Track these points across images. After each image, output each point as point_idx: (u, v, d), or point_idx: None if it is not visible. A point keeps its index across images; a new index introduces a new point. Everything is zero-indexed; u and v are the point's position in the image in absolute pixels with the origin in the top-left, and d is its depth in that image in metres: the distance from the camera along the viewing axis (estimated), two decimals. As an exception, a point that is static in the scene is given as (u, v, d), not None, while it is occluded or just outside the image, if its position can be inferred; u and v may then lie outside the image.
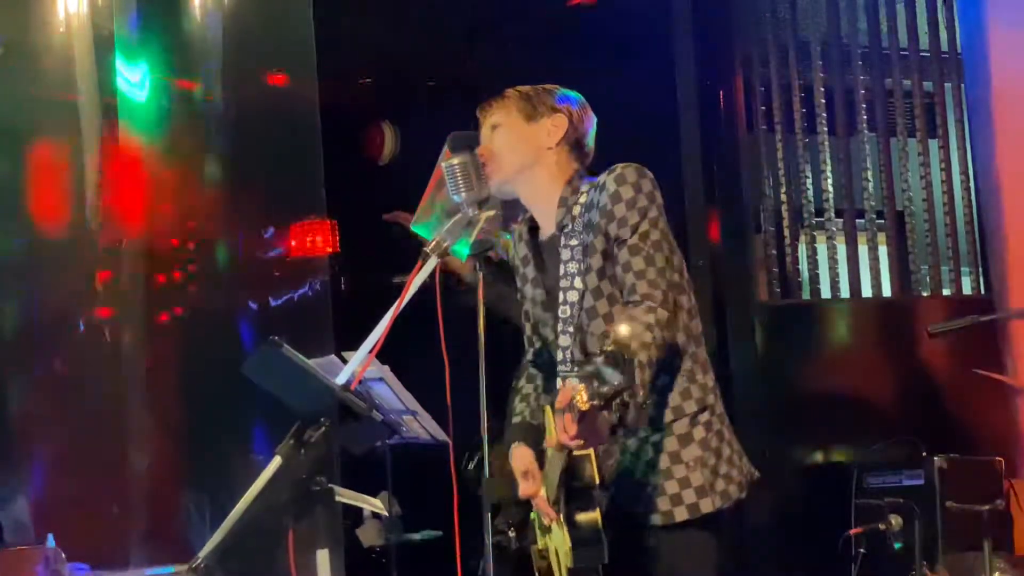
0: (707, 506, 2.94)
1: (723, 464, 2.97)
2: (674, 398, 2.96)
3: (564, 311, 3.01)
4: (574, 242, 3.00)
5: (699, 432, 2.96)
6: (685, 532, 2.94)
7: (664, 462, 2.94)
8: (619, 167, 3.00)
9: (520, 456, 3.09)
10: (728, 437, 3.02)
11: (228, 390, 4.44)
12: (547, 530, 3.02)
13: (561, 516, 2.86)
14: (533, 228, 3.18)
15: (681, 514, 2.93)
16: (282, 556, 3.28)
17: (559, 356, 3.06)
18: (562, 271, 3.02)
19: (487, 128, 3.15)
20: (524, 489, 3.05)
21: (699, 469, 2.94)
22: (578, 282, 2.99)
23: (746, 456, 3.08)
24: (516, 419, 3.19)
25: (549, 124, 3.08)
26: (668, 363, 2.94)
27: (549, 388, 3.19)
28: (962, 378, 5.57)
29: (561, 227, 3.04)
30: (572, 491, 2.83)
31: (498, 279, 3.88)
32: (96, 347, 4.93)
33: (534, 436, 3.09)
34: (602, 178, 3.01)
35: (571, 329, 3.00)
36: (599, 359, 2.49)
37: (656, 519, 2.94)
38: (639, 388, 2.70)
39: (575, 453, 2.78)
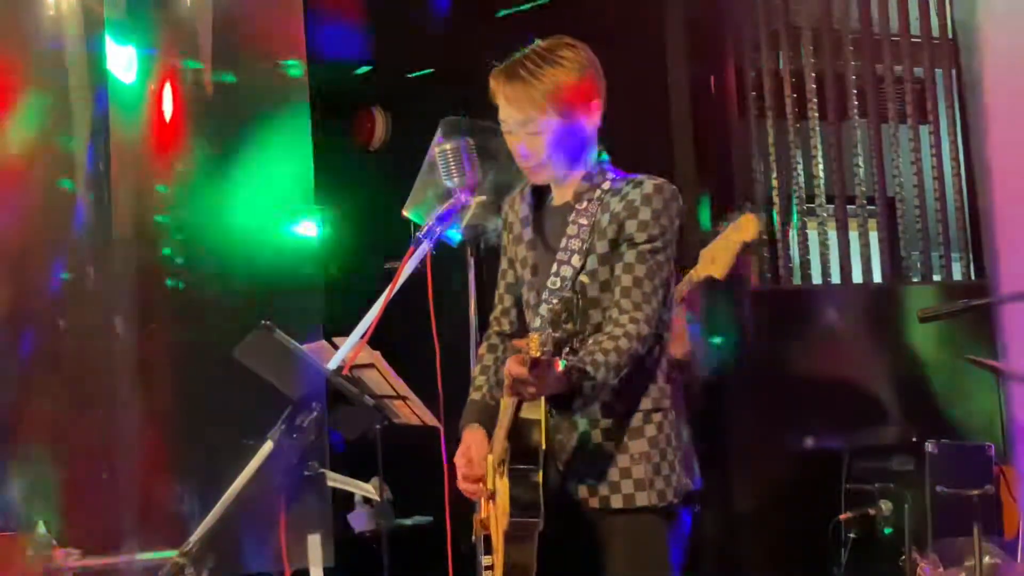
0: (642, 500, 2.98)
1: (665, 465, 3.02)
2: (631, 392, 3.00)
3: (554, 282, 3.02)
4: (584, 220, 3.01)
5: (650, 430, 3.01)
6: (619, 519, 2.99)
7: (610, 448, 3.00)
8: (661, 179, 3.03)
9: (472, 440, 3.09)
10: (676, 444, 3.05)
11: (219, 375, 4.44)
12: (492, 496, 3.03)
13: (504, 477, 2.89)
14: (538, 191, 3.15)
15: (617, 502, 2.99)
16: (274, 541, 3.28)
17: (536, 323, 3.07)
18: (564, 244, 3.03)
19: (515, 117, 2.99)
20: (462, 472, 3.06)
21: (642, 463, 2.99)
22: (576, 259, 3.00)
23: (691, 471, 3.08)
24: (475, 395, 3.18)
25: (588, 113, 3.03)
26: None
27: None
28: (953, 364, 5.58)
29: (578, 198, 3.04)
30: (517, 454, 2.87)
31: None
32: (86, 332, 4.92)
33: (491, 417, 3.08)
34: (640, 177, 3.04)
35: (555, 300, 3.01)
36: (555, 303, 2.62)
37: (594, 502, 3.00)
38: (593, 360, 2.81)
39: (523, 415, 2.83)
